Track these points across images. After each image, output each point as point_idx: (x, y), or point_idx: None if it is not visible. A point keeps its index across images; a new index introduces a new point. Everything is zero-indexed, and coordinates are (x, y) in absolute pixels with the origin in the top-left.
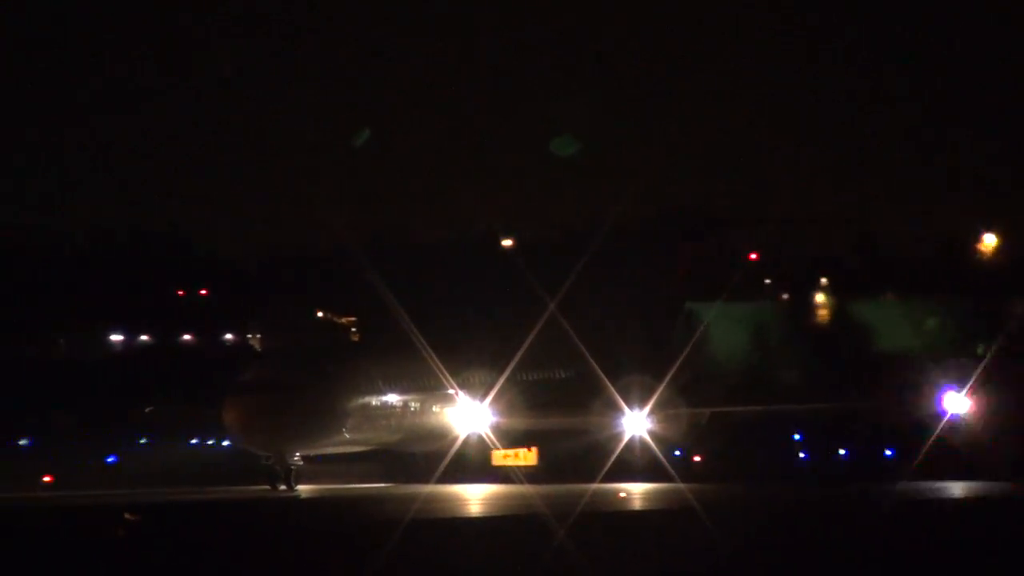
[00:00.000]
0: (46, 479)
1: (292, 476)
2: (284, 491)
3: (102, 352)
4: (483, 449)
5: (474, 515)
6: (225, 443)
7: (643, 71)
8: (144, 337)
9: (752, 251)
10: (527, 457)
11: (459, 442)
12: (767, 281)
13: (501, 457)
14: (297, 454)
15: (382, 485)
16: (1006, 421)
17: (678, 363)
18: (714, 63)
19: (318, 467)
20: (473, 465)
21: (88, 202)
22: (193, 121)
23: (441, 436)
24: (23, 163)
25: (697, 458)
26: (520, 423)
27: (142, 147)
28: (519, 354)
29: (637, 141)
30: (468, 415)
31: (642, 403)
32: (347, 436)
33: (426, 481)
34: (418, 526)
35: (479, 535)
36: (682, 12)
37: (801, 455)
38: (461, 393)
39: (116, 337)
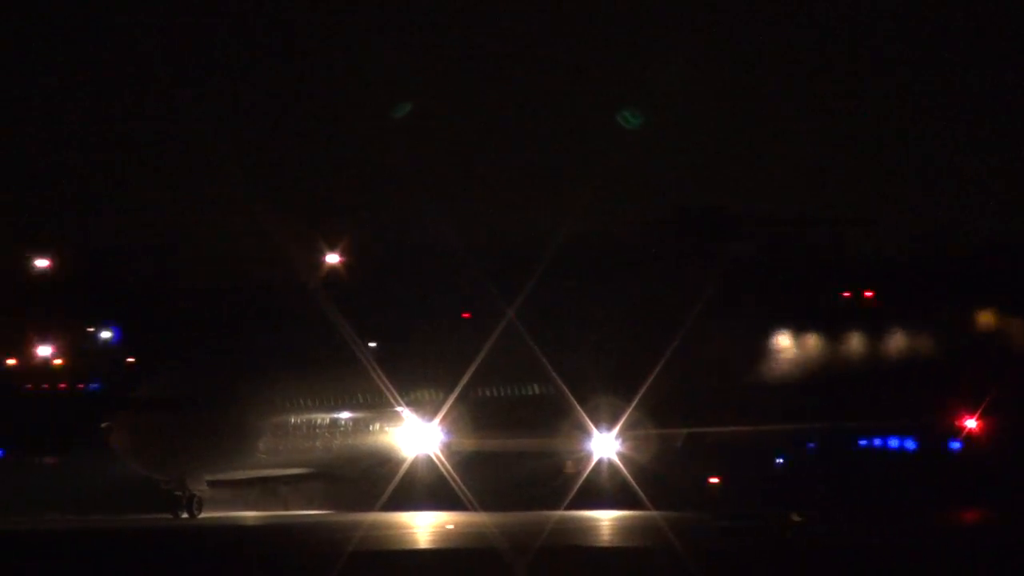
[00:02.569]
0: None
1: (195, 503)
2: (186, 519)
3: None
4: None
5: (421, 548)
6: None
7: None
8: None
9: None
10: None
11: (406, 465)
12: None
13: None
14: (204, 478)
15: (319, 512)
16: None
17: (649, 380)
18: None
19: (238, 493)
20: (421, 489)
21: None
22: None
23: (384, 458)
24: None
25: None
26: (475, 444)
27: None
28: (472, 369)
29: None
30: (415, 435)
31: (611, 424)
32: (262, 458)
33: (370, 508)
34: (358, 560)
35: (426, 572)
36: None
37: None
38: (408, 411)
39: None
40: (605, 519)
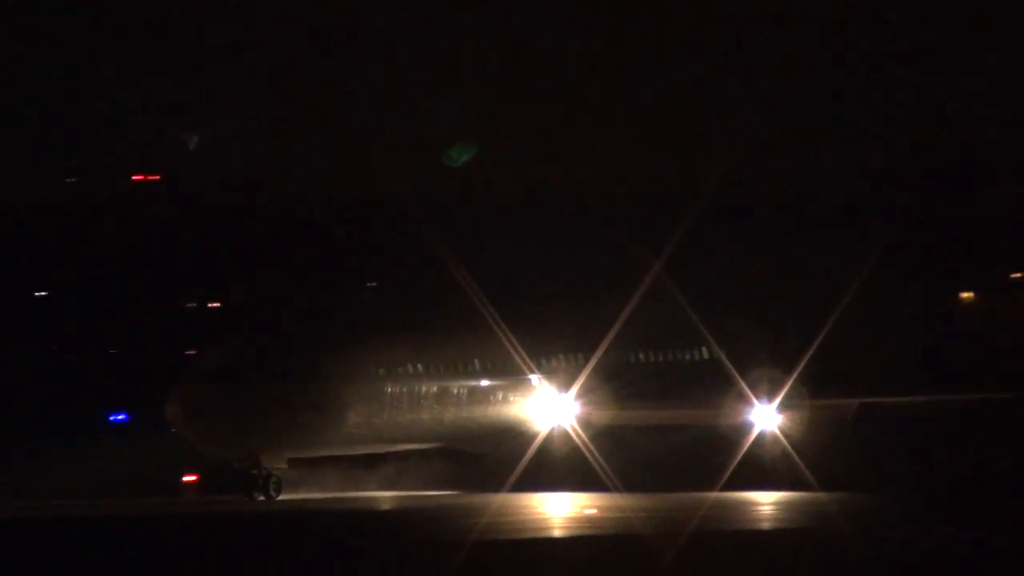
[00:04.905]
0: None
1: (272, 483)
2: (263, 501)
3: None
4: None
5: (556, 536)
6: None
7: None
8: None
9: None
10: None
11: (539, 440)
12: None
13: None
14: (284, 456)
15: (436, 494)
16: None
17: (817, 342)
18: None
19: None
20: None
21: None
22: None
23: (512, 433)
24: None
25: None
26: (617, 416)
27: None
28: (614, 331)
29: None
30: (548, 406)
31: (772, 393)
32: (355, 432)
33: (497, 489)
34: (485, 548)
35: (561, 561)
36: None
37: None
38: (539, 378)
39: None
40: (766, 501)
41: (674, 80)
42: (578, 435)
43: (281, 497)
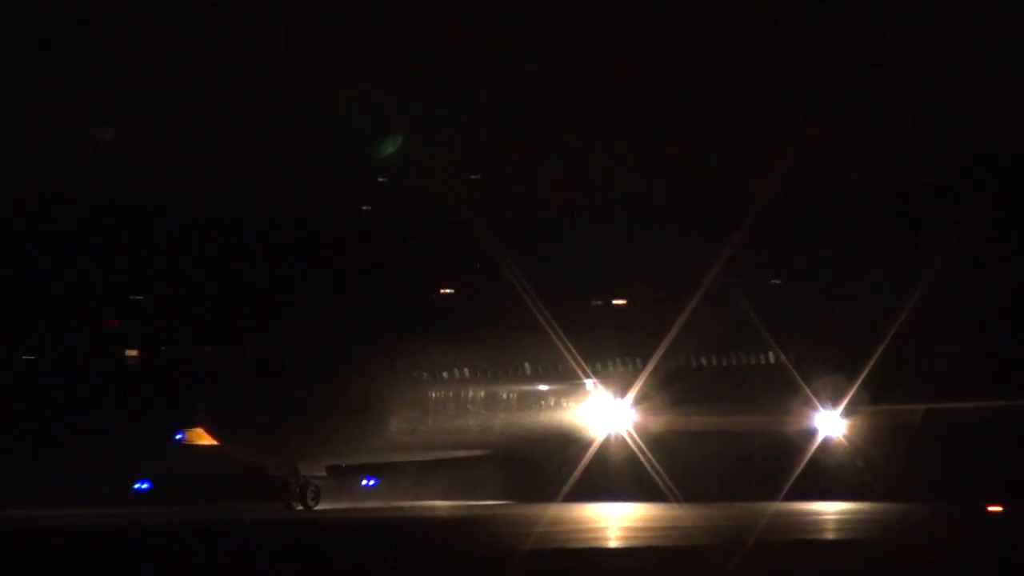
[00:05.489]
0: None
1: (310, 492)
2: (301, 511)
3: None
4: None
5: (612, 547)
6: None
7: None
8: None
9: None
10: None
11: (593, 448)
12: None
13: None
14: (323, 463)
15: (491, 503)
16: None
17: (882, 346)
18: None
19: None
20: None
21: None
22: None
23: (565, 440)
24: None
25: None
26: (672, 422)
27: None
28: (673, 333)
29: None
30: (603, 412)
31: (836, 398)
32: (397, 439)
33: (551, 498)
34: (539, 559)
35: (617, 573)
36: None
37: None
38: (593, 382)
39: None
40: (829, 510)
41: (741, 82)
42: (635, 442)
43: (319, 507)
